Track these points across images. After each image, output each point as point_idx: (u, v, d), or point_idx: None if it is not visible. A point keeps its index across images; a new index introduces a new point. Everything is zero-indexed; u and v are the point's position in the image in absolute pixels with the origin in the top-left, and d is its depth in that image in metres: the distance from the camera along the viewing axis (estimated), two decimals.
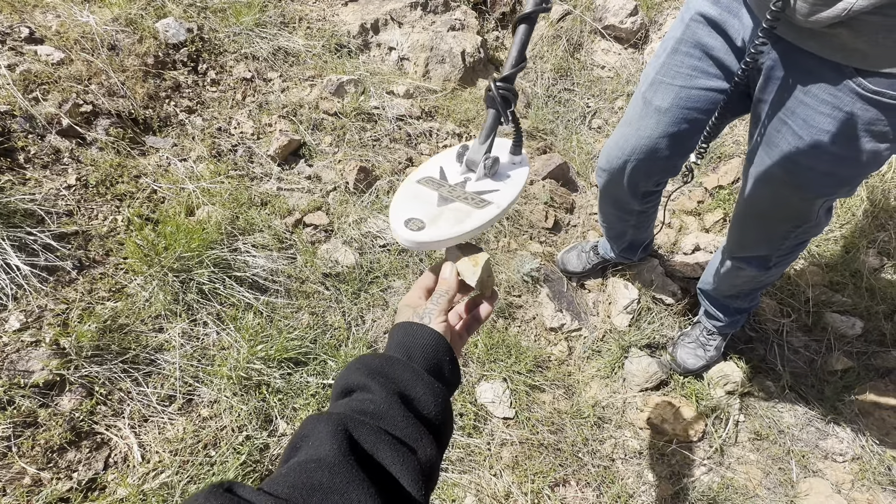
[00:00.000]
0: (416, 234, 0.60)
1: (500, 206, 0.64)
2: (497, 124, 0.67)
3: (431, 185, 0.68)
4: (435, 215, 0.62)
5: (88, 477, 1.08)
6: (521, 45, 0.63)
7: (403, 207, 0.64)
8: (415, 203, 0.65)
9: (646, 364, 1.53)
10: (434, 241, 0.60)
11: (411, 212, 0.63)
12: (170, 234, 1.34)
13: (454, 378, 0.55)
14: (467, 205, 0.64)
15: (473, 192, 0.66)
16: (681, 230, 1.96)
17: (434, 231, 0.60)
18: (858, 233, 1.87)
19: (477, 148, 0.68)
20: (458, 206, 0.64)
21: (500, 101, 0.64)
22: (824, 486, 1.38)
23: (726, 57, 0.97)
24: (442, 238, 0.60)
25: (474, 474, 1.28)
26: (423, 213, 0.63)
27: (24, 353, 1.13)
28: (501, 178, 0.70)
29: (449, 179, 0.69)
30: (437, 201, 0.65)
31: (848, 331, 1.68)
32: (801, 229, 1.10)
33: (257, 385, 1.28)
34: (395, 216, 0.63)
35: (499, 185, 0.69)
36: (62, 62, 1.61)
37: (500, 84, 0.64)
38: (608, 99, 2.35)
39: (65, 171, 1.45)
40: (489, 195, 0.66)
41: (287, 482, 0.37)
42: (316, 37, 2.13)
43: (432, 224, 0.61)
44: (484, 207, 0.64)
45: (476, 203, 0.64)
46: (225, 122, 1.78)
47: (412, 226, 0.61)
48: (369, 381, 0.48)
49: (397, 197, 0.66)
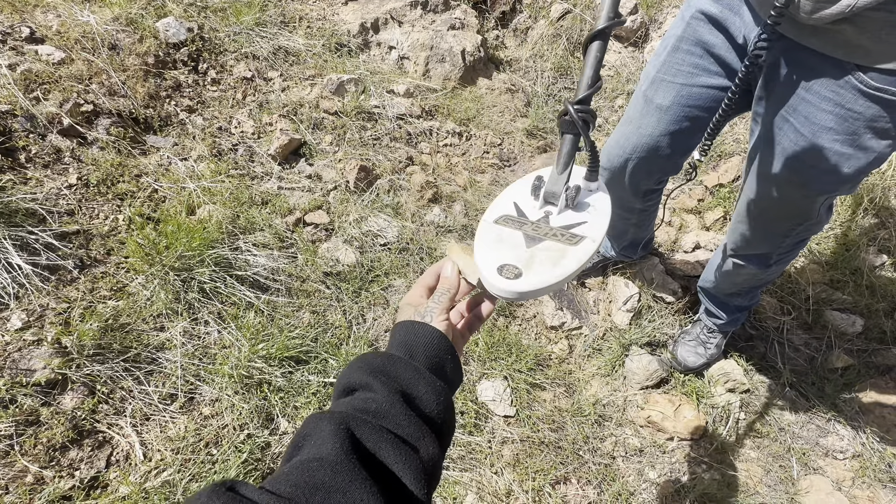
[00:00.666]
0: (516, 284, 0.55)
1: (595, 240, 0.59)
2: (575, 150, 0.62)
3: (512, 224, 0.62)
4: (527, 259, 0.57)
5: (90, 475, 1.09)
6: (597, 63, 0.58)
7: (490, 253, 0.58)
8: (501, 247, 0.59)
9: (646, 362, 1.53)
10: (537, 289, 0.55)
11: (501, 258, 0.57)
12: (171, 233, 1.34)
13: (456, 377, 0.55)
14: (559, 242, 0.59)
15: (561, 228, 0.61)
16: (681, 228, 1.96)
17: (533, 277, 0.55)
18: (859, 230, 1.87)
19: (556, 178, 0.63)
20: (549, 245, 0.59)
21: (582, 126, 0.59)
22: (825, 483, 1.38)
23: (727, 54, 0.97)
24: (545, 285, 0.55)
25: (475, 472, 1.29)
26: (514, 258, 0.57)
27: (25, 351, 1.13)
28: (583, 208, 0.64)
29: (528, 216, 0.63)
30: (525, 242, 0.59)
31: (848, 328, 1.68)
32: (802, 227, 1.10)
33: (258, 383, 1.28)
34: (485, 265, 0.57)
35: (583, 215, 0.63)
36: (63, 62, 1.61)
37: (580, 107, 0.58)
38: (608, 98, 2.35)
39: (66, 170, 1.45)
40: (578, 228, 0.61)
41: (289, 481, 0.37)
42: (316, 36, 2.13)
43: (528, 269, 0.56)
44: (578, 243, 0.58)
45: (568, 239, 0.59)
46: (225, 122, 1.78)
47: (507, 273, 0.55)
48: (371, 380, 0.48)
49: (479, 241, 0.60)
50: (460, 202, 1.84)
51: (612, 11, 0.58)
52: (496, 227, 0.62)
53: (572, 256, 0.57)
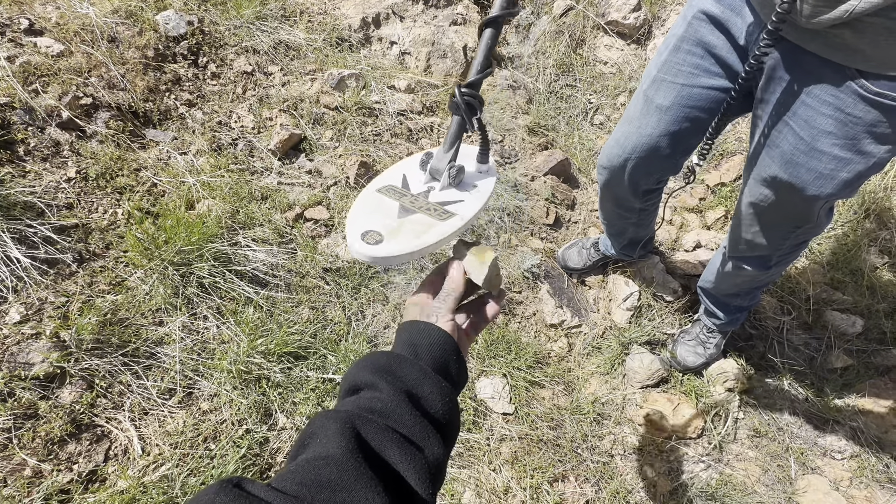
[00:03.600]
0: (373, 249, 0.56)
1: (464, 219, 0.60)
2: (462, 131, 0.64)
3: (393, 194, 0.64)
4: (394, 228, 0.59)
5: (89, 469, 1.09)
6: (488, 49, 0.61)
7: (362, 218, 0.60)
8: (374, 214, 0.61)
9: (648, 361, 1.53)
10: (391, 255, 0.56)
11: (369, 223, 0.59)
12: (170, 227, 1.33)
13: (461, 377, 0.55)
14: (429, 216, 0.60)
15: (436, 203, 0.62)
16: (682, 227, 1.96)
17: (392, 245, 0.57)
18: (860, 231, 1.87)
19: (441, 156, 0.64)
20: (419, 217, 0.60)
21: (465, 108, 0.61)
22: (822, 483, 1.38)
23: (728, 55, 0.97)
24: (399, 253, 0.56)
25: (473, 469, 1.29)
26: (381, 226, 0.59)
27: (24, 345, 1.13)
28: (467, 187, 0.66)
29: (412, 188, 0.65)
30: (398, 212, 0.61)
31: (848, 329, 1.68)
32: (802, 230, 1.10)
33: (257, 379, 1.28)
34: (351, 228, 0.59)
35: (464, 195, 0.65)
36: (62, 54, 1.60)
37: (465, 90, 0.60)
38: (610, 95, 2.34)
39: (65, 163, 1.44)
40: (453, 206, 0.62)
41: (295, 479, 0.38)
42: (317, 30, 2.12)
43: (391, 237, 0.57)
44: (447, 219, 0.60)
45: (439, 214, 0.60)
46: (225, 116, 1.78)
47: (369, 239, 0.57)
48: (377, 380, 0.48)
49: (356, 207, 0.62)
50: None
51: (505, 1, 0.60)
52: (377, 196, 0.64)
53: (436, 230, 0.58)
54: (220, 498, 0.33)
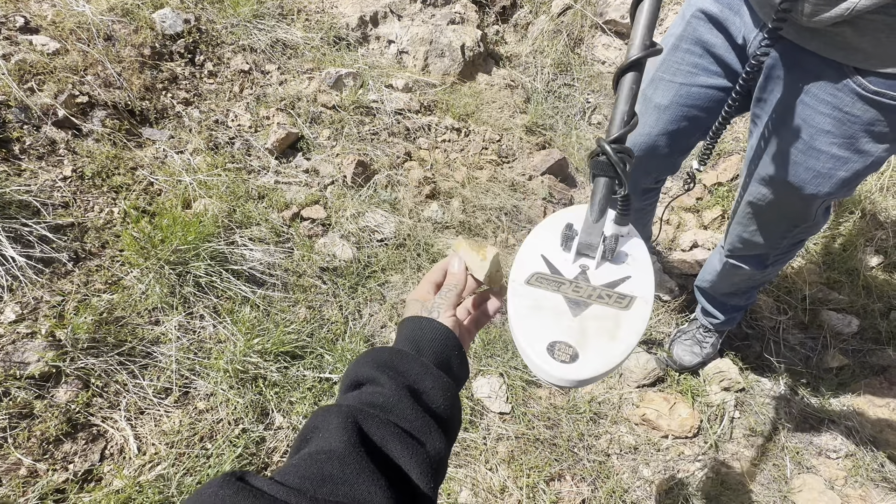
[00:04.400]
0: (575, 369, 0.46)
1: (647, 300, 0.52)
2: (611, 195, 0.55)
3: (547, 284, 0.53)
4: (578, 331, 0.49)
5: (84, 468, 1.08)
6: (632, 97, 0.52)
7: (533, 325, 0.49)
8: (542, 317, 0.50)
9: (644, 360, 1.53)
10: (598, 375, 0.46)
11: (548, 332, 0.48)
12: (166, 226, 1.33)
13: (462, 373, 0.55)
14: (608, 307, 0.51)
15: (604, 286, 0.53)
16: (679, 227, 1.96)
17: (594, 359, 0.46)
18: (856, 231, 1.87)
19: (591, 227, 0.55)
20: (597, 310, 0.51)
21: (621, 168, 0.52)
22: (818, 482, 1.39)
23: (727, 54, 0.97)
24: (609, 367, 0.46)
25: (470, 468, 1.29)
26: (562, 333, 0.48)
27: (19, 344, 1.13)
28: (621, 259, 0.56)
29: (563, 273, 0.55)
30: (568, 308, 0.51)
31: (844, 328, 1.68)
32: (799, 229, 1.10)
33: (254, 378, 1.28)
34: (530, 345, 0.48)
35: (624, 269, 0.55)
36: (58, 52, 1.59)
37: (616, 146, 0.52)
38: (608, 94, 2.34)
39: (60, 162, 1.44)
40: (623, 286, 0.53)
41: (298, 473, 0.38)
42: (314, 29, 2.11)
43: (583, 346, 0.47)
44: (630, 306, 0.51)
45: (617, 301, 0.51)
46: (222, 115, 1.77)
47: (560, 355, 0.46)
48: (378, 375, 0.48)
49: (515, 314, 0.51)
50: (458, 198, 1.84)
51: (646, 39, 0.51)
52: (530, 290, 0.53)
53: (628, 324, 0.49)
54: (224, 491, 0.33)
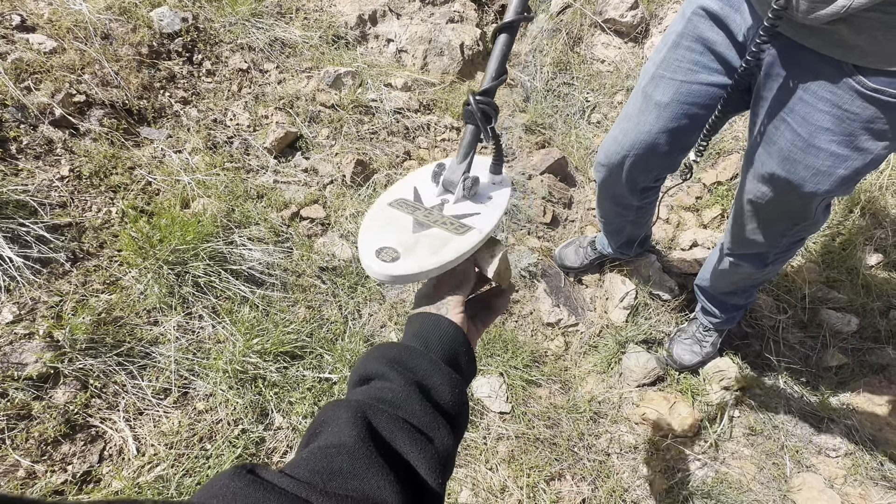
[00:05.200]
0: (390, 267, 0.54)
1: (482, 232, 0.58)
2: (476, 141, 0.62)
3: (405, 208, 0.62)
4: (410, 244, 0.56)
5: (83, 470, 1.08)
6: (502, 55, 0.59)
7: (375, 234, 0.58)
8: (387, 230, 0.58)
9: (644, 360, 1.53)
10: (410, 273, 0.54)
11: (383, 240, 0.57)
12: (165, 226, 1.32)
13: (470, 369, 0.56)
14: (446, 230, 0.58)
15: (452, 217, 0.61)
16: (678, 226, 1.96)
17: (410, 262, 0.54)
18: (855, 230, 1.88)
19: (455, 167, 0.63)
20: (435, 232, 0.58)
21: (481, 117, 0.59)
22: (817, 480, 1.39)
23: (727, 52, 0.96)
24: (419, 270, 0.54)
25: (470, 468, 1.29)
26: (396, 242, 0.56)
27: (17, 345, 1.12)
28: (482, 199, 0.64)
29: (424, 202, 0.63)
30: (413, 227, 0.59)
31: (843, 327, 1.68)
32: (799, 227, 1.10)
33: (253, 378, 1.28)
34: (364, 245, 0.56)
35: (479, 207, 0.63)
36: (55, 51, 1.58)
37: (480, 98, 0.59)
38: (608, 93, 2.34)
39: (58, 161, 1.43)
40: (469, 219, 0.60)
41: (308, 466, 0.38)
42: (313, 27, 2.11)
43: (408, 254, 0.55)
44: (464, 233, 0.58)
45: (455, 228, 0.58)
46: (221, 114, 1.76)
47: (385, 256, 0.55)
48: (387, 370, 0.49)
49: (367, 222, 0.60)
50: None
51: (520, 6, 0.58)
52: (389, 210, 0.61)
53: (453, 246, 0.56)
54: (235, 483, 0.34)
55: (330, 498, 0.35)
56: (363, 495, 0.37)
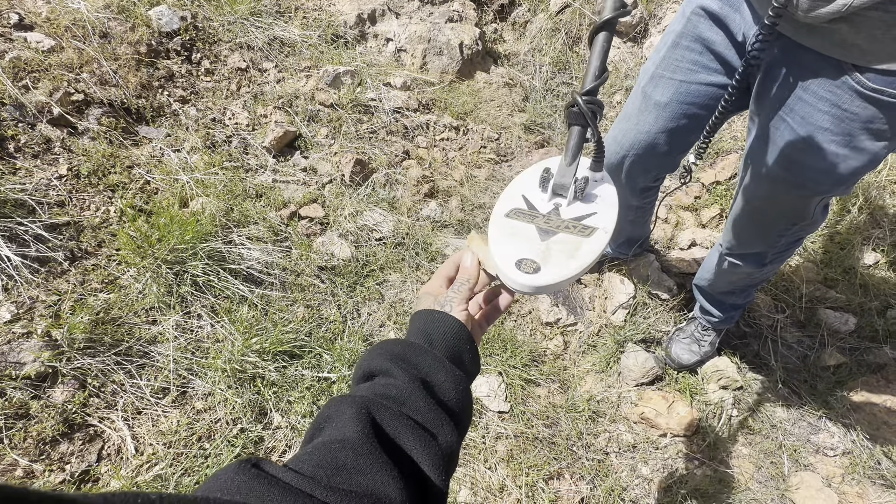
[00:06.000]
0: (536, 278, 0.55)
1: (607, 231, 0.60)
2: (583, 141, 0.62)
3: (523, 217, 0.62)
4: (544, 252, 0.57)
5: (81, 469, 1.08)
6: (603, 54, 0.59)
7: (507, 248, 0.58)
8: (516, 241, 0.59)
9: (643, 359, 1.53)
10: (556, 282, 0.55)
11: (518, 252, 0.57)
12: (163, 225, 1.32)
13: (473, 367, 0.56)
14: (573, 234, 0.59)
15: (572, 220, 0.61)
16: (677, 226, 1.96)
17: (552, 271, 0.55)
18: (853, 229, 1.88)
19: (564, 170, 0.63)
20: (563, 237, 0.59)
21: (591, 116, 0.59)
22: (815, 479, 1.39)
23: (727, 52, 0.97)
24: (564, 277, 0.55)
25: (469, 467, 1.29)
26: (530, 252, 0.57)
27: (15, 344, 1.12)
28: (591, 199, 0.65)
29: (539, 208, 0.63)
30: (539, 235, 0.59)
31: (841, 327, 1.69)
32: (798, 227, 1.10)
33: (252, 378, 1.27)
34: (503, 260, 0.57)
35: (593, 206, 0.63)
36: (53, 49, 1.58)
37: (588, 98, 0.59)
38: (606, 93, 2.34)
39: (56, 160, 1.43)
40: (589, 219, 0.61)
41: (312, 461, 0.38)
42: (312, 27, 2.10)
43: (546, 262, 0.56)
44: (591, 235, 0.59)
45: (580, 231, 0.59)
46: (219, 113, 1.76)
47: (526, 268, 0.56)
48: (391, 366, 0.49)
49: (494, 237, 0.60)
50: (457, 197, 1.83)
51: (617, 2, 0.57)
52: (508, 222, 0.62)
53: (587, 248, 0.58)
54: (240, 477, 0.34)
55: (334, 493, 0.35)
56: (367, 491, 0.37)
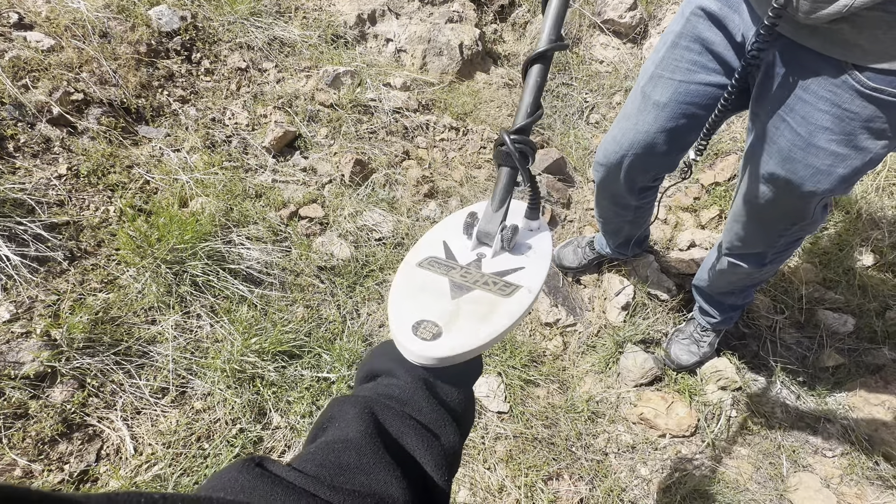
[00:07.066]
0: (432, 347, 0.45)
1: (532, 291, 0.51)
2: (513, 185, 0.56)
3: (437, 268, 0.53)
4: (451, 313, 0.48)
5: (80, 469, 1.08)
6: (537, 89, 0.53)
7: (407, 305, 0.49)
8: (421, 297, 0.50)
9: (642, 360, 1.54)
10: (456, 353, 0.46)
11: (419, 310, 0.48)
12: (163, 225, 1.32)
13: (476, 368, 0.56)
14: (489, 293, 0.50)
15: (493, 274, 0.53)
16: (677, 226, 1.97)
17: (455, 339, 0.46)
18: (852, 230, 1.88)
19: (490, 216, 0.55)
20: (477, 295, 0.50)
21: (518, 158, 0.53)
22: (814, 480, 1.39)
23: (726, 52, 0.97)
24: (467, 348, 0.46)
25: (468, 468, 1.29)
26: (435, 312, 0.48)
27: (14, 344, 1.12)
28: (521, 250, 0.57)
29: (458, 258, 0.55)
30: (450, 291, 0.50)
31: (840, 328, 1.69)
32: (797, 227, 1.10)
33: (251, 378, 1.27)
34: (397, 319, 0.47)
35: (521, 260, 0.55)
36: (52, 49, 1.58)
37: (516, 137, 0.53)
38: (606, 94, 2.34)
39: (55, 160, 1.42)
40: (513, 275, 0.53)
41: (315, 461, 0.38)
42: (312, 27, 2.11)
43: (450, 327, 0.47)
44: (511, 294, 0.50)
45: (500, 289, 0.51)
46: (219, 113, 1.76)
47: (423, 333, 0.46)
48: (394, 366, 0.49)
49: (396, 289, 0.51)
50: (456, 197, 1.83)
51: (553, 34, 0.53)
52: (419, 272, 0.52)
53: (503, 311, 0.49)
54: (243, 476, 0.34)
55: (337, 492, 0.35)
56: (370, 490, 0.37)
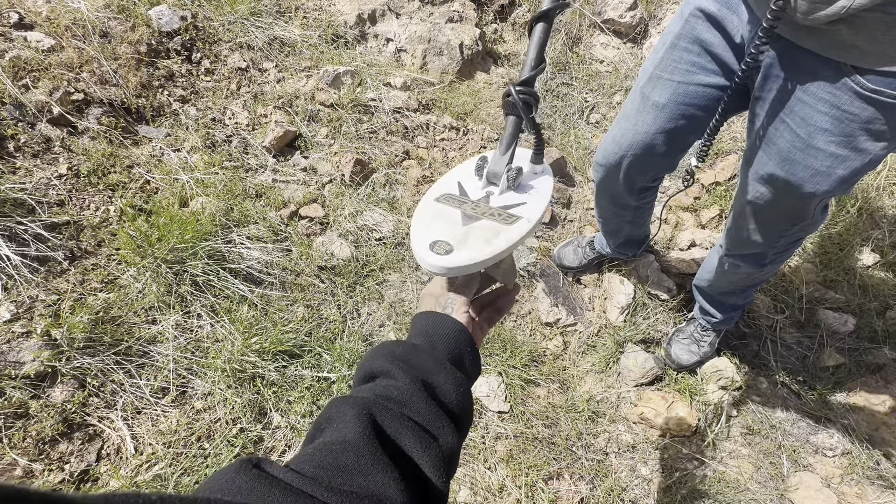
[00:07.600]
0: (445, 259, 0.55)
1: (531, 221, 0.60)
2: (518, 132, 0.63)
3: (452, 202, 0.63)
4: (461, 236, 0.58)
5: (80, 469, 1.08)
6: (540, 45, 0.60)
7: (426, 229, 0.59)
8: (437, 223, 0.60)
9: (643, 359, 1.54)
10: (465, 264, 0.55)
11: (435, 234, 0.58)
12: (163, 225, 1.32)
13: (474, 369, 0.56)
14: (495, 221, 0.60)
15: (499, 208, 0.62)
16: (677, 226, 1.97)
17: (464, 254, 0.55)
18: (852, 230, 1.88)
19: (498, 159, 0.64)
20: (484, 223, 0.59)
21: (522, 107, 0.60)
22: (814, 480, 1.39)
23: (725, 53, 0.97)
24: (474, 261, 0.55)
25: (469, 467, 1.29)
26: (448, 235, 0.58)
27: (14, 343, 1.12)
28: (525, 189, 0.66)
29: (470, 195, 0.64)
30: (462, 220, 0.60)
31: (840, 327, 1.69)
32: (798, 227, 1.10)
33: (252, 377, 1.27)
34: (417, 240, 0.58)
35: (524, 197, 0.64)
36: (53, 49, 1.58)
37: (521, 88, 0.59)
38: (606, 94, 2.34)
39: (56, 160, 1.43)
40: (516, 209, 0.62)
41: (313, 462, 0.38)
42: (312, 27, 2.11)
43: (460, 246, 0.56)
44: (513, 223, 0.59)
45: (504, 219, 0.60)
46: (219, 113, 1.76)
47: (439, 249, 0.56)
48: (393, 368, 0.49)
49: (417, 218, 0.61)
50: None
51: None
52: (436, 205, 0.63)
53: (504, 236, 0.58)
54: (241, 477, 0.34)
55: (335, 494, 0.35)
56: (368, 492, 0.37)
